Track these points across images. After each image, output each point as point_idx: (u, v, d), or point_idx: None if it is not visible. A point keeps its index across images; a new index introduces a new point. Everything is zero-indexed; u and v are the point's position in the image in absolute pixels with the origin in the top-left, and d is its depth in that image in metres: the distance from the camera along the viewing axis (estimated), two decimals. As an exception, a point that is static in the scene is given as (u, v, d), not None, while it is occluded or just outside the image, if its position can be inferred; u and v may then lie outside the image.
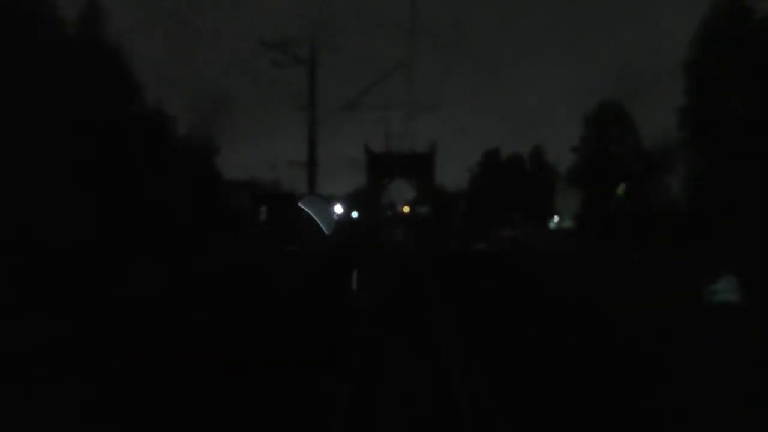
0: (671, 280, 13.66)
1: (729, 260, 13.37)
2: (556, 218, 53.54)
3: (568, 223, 47.18)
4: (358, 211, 59.28)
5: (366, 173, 59.16)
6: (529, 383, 6.41)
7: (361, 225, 49.71)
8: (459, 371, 6.86)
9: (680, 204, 29.32)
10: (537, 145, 52.81)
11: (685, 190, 27.36)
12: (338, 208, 52.75)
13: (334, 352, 7.58)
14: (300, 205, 20.07)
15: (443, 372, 6.92)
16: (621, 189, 40.55)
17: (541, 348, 7.89)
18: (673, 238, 22.24)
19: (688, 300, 10.86)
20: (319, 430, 5.23)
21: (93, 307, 9.32)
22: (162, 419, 5.27)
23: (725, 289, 10.77)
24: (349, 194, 57.94)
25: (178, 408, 5.48)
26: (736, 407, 5.52)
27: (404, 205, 79.37)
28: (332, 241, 28.36)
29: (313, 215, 27.62)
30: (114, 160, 14.38)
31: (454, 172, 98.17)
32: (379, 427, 5.43)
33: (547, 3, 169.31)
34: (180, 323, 8.89)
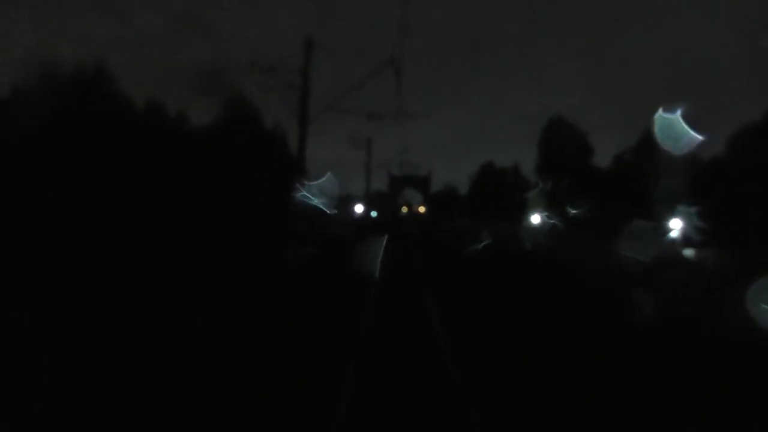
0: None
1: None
2: (537, 218, 67.77)
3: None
4: (376, 210, 73.53)
5: (388, 186, 79.84)
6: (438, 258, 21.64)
7: (378, 222, 64.08)
8: (418, 257, 22.07)
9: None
10: (516, 162, 68.55)
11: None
12: (358, 208, 66.19)
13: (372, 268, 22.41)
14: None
15: (412, 256, 22.15)
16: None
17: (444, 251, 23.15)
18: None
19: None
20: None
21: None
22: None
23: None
24: (368, 194, 71.05)
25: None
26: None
27: (419, 206, 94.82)
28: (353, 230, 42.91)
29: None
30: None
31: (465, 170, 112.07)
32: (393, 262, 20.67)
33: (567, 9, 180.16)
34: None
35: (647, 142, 35.79)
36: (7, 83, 23.19)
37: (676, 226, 29.08)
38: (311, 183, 23.07)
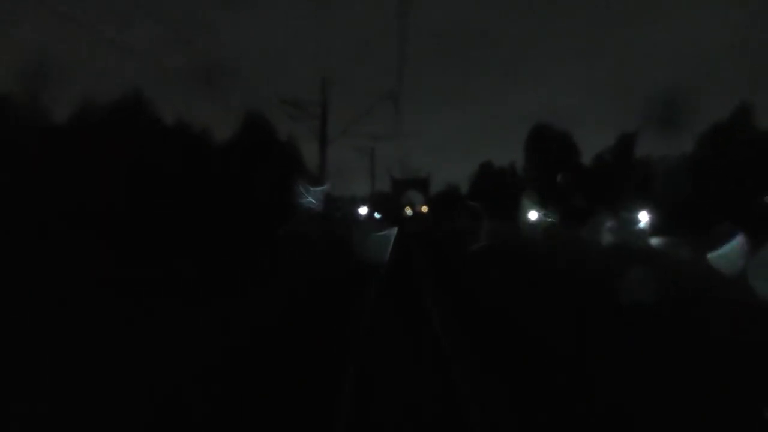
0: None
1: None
2: (534, 215, 68.24)
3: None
4: (380, 211, 73.90)
5: (390, 188, 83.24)
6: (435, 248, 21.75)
7: (381, 223, 64.43)
8: (420, 256, 22.19)
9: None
10: (512, 161, 69.71)
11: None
12: (363, 210, 66.71)
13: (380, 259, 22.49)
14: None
15: (413, 255, 22.30)
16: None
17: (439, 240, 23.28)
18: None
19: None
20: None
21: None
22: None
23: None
24: (371, 195, 71.75)
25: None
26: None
27: (421, 206, 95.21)
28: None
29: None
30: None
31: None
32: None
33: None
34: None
35: (623, 142, 37.21)
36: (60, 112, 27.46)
37: (644, 217, 33.50)
38: (316, 188, 24.12)
